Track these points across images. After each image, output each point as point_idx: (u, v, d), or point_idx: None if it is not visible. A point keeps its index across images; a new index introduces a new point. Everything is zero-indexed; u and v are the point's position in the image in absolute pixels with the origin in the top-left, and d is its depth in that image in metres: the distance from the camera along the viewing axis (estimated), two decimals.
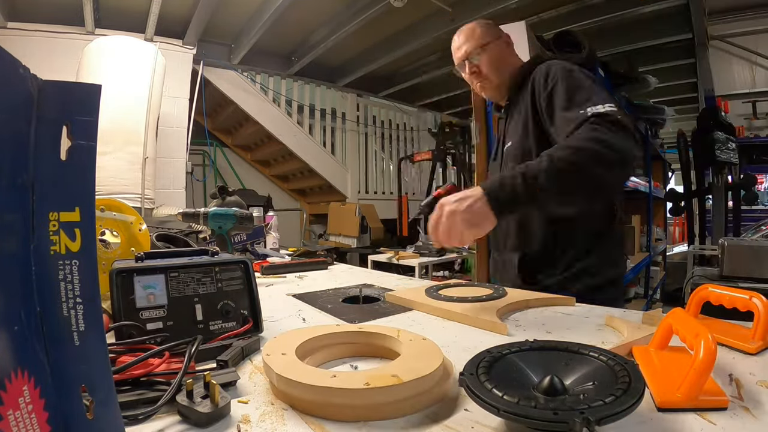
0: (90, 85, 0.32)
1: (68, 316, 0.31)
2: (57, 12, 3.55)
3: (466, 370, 0.42)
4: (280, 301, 0.97)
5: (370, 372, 0.46)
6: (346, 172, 5.49)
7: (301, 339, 0.55)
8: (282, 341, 0.55)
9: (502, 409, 0.35)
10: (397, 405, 0.43)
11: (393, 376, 0.44)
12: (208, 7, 3.70)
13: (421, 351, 0.52)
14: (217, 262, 0.69)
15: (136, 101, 3.25)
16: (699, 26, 3.92)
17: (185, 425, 0.41)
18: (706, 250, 3.79)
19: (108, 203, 0.91)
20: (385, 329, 0.61)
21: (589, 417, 0.32)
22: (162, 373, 0.48)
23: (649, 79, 2.80)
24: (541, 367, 0.43)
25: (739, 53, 4.44)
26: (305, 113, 5.13)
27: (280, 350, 0.51)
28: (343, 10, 4.07)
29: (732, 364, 0.53)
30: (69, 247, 0.31)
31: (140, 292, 0.61)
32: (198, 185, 4.85)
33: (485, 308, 0.79)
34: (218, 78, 4.46)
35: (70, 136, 0.31)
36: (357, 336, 0.60)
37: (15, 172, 0.29)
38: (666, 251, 4.84)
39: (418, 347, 0.53)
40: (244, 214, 1.21)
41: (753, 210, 4.21)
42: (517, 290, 0.96)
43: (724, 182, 3.82)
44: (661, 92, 4.44)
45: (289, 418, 0.43)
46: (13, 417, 0.28)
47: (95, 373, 0.32)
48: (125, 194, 3.08)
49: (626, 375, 0.38)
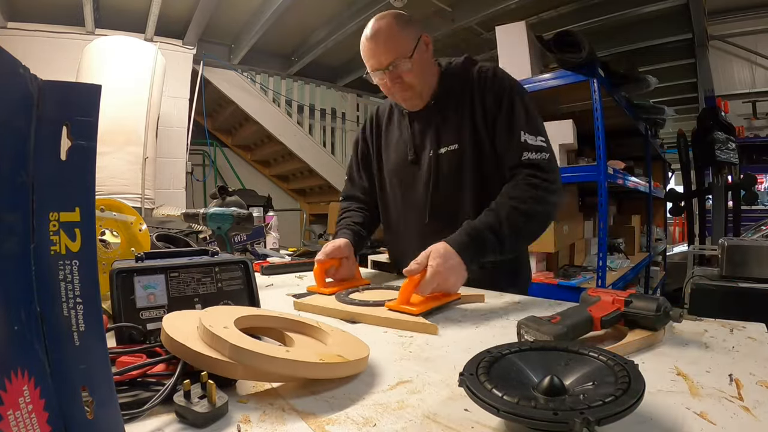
0: (90, 85, 0.32)
1: (68, 316, 0.31)
2: (57, 12, 3.55)
3: (466, 370, 0.42)
4: (280, 301, 0.97)
5: (317, 350, 0.54)
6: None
7: (235, 315, 0.56)
8: (214, 315, 0.54)
9: (502, 409, 0.35)
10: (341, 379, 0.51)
11: (338, 356, 0.51)
12: (208, 7, 3.70)
13: (345, 340, 0.60)
14: (217, 262, 0.69)
15: (136, 101, 3.25)
16: (699, 26, 3.92)
17: (183, 426, 0.41)
18: (706, 250, 3.78)
19: (108, 203, 0.91)
20: (313, 321, 0.66)
21: (589, 417, 0.32)
22: (159, 374, 0.48)
23: (649, 79, 2.79)
24: (540, 367, 0.43)
25: (739, 53, 4.44)
26: (305, 113, 5.13)
27: (221, 324, 0.51)
28: (343, 10, 4.07)
29: (732, 364, 0.53)
30: (69, 247, 0.31)
31: (140, 292, 0.61)
32: (198, 185, 4.85)
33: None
34: (218, 78, 4.46)
35: (70, 136, 0.31)
36: (288, 323, 0.63)
37: (15, 172, 0.29)
38: (666, 251, 4.84)
39: (342, 337, 0.61)
40: (243, 215, 1.21)
41: (753, 210, 4.22)
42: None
43: (724, 182, 3.82)
44: (661, 92, 4.43)
45: (289, 418, 0.43)
46: (13, 417, 0.28)
47: (95, 373, 0.32)
48: (125, 194, 3.08)
49: (626, 375, 0.38)
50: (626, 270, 2.90)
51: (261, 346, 0.48)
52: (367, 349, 0.57)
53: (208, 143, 4.99)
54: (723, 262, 2.11)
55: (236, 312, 0.57)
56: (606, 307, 0.63)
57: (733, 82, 4.61)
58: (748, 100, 4.62)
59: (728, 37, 4.35)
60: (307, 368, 0.48)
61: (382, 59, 1.04)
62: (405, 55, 1.03)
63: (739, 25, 4.26)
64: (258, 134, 4.95)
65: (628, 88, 2.84)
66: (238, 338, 0.47)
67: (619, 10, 3.75)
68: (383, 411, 0.44)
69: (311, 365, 0.48)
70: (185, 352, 0.46)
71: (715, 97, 4.26)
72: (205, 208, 1.23)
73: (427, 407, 0.45)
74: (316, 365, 0.48)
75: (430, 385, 0.50)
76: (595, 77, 2.29)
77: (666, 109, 3.61)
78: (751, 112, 4.66)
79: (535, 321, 0.59)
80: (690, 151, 4.18)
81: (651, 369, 0.52)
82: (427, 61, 1.10)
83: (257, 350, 0.46)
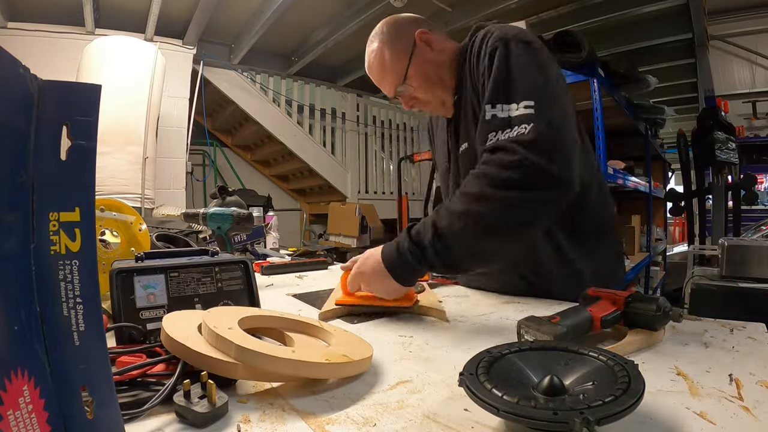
0: (90, 85, 0.32)
1: (68, 316, 0.31)
2: (57, 12, 3.55)
3: (466, 370, 0.42)
4: (280, 301, 0.97)
5: (323, 351, 0.54)
6: (346, 172, 5.48)
7: (238, 316, 0.56)
8: (218, 316, 0.54)
9: (502, 408, 0.35)
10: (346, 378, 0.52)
11: (344, 356, 0.51)
12: (208, 7, 3.70)
13: (349, 340, 0.60)
14: (217, 262, 0.69)
15: (136, 101, 3.25)
16: (699, 26, 3.92)
17: (183, 426, 0.41)
18: (706, 250, 3.78)
19: (108, 203, 0.91)
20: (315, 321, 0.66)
21: (589, 417, 0.32)
22: (159, 374, 0.48)
23: (649, 79, 2.79)
24: (540, 367, 0.43)
25: (739, 53, 4.44)
26: (305, 113, 5.13)
27: (225, 325, 0.51)
28: (343, 10, 4.07)
29: (732, 364, 0.53)
30: (69, 247, 0.31)
31: (140, 292, 0.61)
32: (198, 185, 4.85)
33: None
34: (218, 78, 4.46)
35: (70, 136, 0.31)
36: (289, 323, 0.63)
37: (15, 172, 0.29)
38: (666, 251, 4.84)
39: (345, 337, 0.61)
40: (243, 215, 1.21)
41: (753, 210, 4.21)
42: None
43: (724, 182, 3.81)
44: (661, 92, 4.44)
45: (289, 418, 0.43)
46: (13, 417, 0.28)
47: (95, 373, 0.32)
48: (125, 194, 3.08)
49: (626, 375, 0.38)
50: (626, 270, 2.90)
51: (267, 347, 0.48)
52: (371, 348, 0.57)
53: (208, 143, 4.98)
54: (723, 262, 2.11)
55: (239, 312, 0.57)
56: (606, 307, 0.63)
57: (733, 82, 4.61)
58: (748, 100, 4.62)
59: (728, 37, 4.35)
60: (314, 368, 0.49)
61: (387, 90, 0.99)
62: (400, 82, 0.94)
63: (739, 25, 4.26)
64: (258, 134, 4.95)
65: (628, 88, 2.84)
66: (243, 339, 0.48)
67: (619, 10, 3.75)
68: (383, 411, 0.44)
69: (317, 365, 0.49)
70: (185, 352, 0.46)
71: (715, 97, 4.25)
72: (205, 208, 1.22)
73: (427, 407, 0.45)
74: (322, 365, 0.49)
75: (430, 385, 0.50)
76: (595, 77, 2.28)
77: (666, 109, 3.60)
78: (751, 112, 4.66)
79: (535, 321, 0.59)
80: (690, 151, 4.18)
81: (651, 369, 0.52)
82: (433, 65, 0.94)
83: (263, 351, 0.46)
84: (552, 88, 0.78)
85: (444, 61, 0.95)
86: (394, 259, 0.78)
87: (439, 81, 0.95)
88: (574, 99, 0.95)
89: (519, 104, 0.74)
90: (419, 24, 0.97)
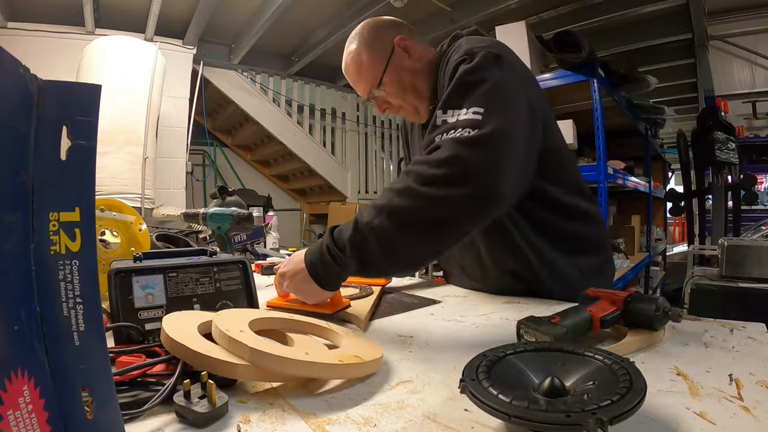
0: (90, 85, 0.32)
1: (68, 316, 0.31)
2: (57, 12, 3.55)
3: (467, 375, 0.41)
4: None
5: (334, 352, 0.53)
6: (346, 172, 5.48)
7: (248, 318, 0.56)
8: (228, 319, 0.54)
9: (513, 414, 0.34)
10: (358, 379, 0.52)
11: (355, 356, 0.51)
12: (208, 7, 3.70)
13: (357, 341, 0.60)
14: (215, 262, 0.69)
15: (136, 101, 3.25)
16: (699, 26, 3.92)
17: (183, 426, 0.41)
18: (706, 250, 3.78)
19: (108, 203, 0.91)
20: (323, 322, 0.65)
21: (602, 417, 0.32)
22: (159, 374, 0.48)
23: (649, 79, 2.79)
24: (538, 368, 0.43)
25: (739, 53, 4.45)
26: (305, 113, 5.13)
27: (237, 327, 0.51)
28: (343, 10, 4.07)
29: (732, 364, 0.53)
30: (69, 247, 0.31)
31: (139, 292, 0.61)
32: (198, 185, 4.85)
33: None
34: (218, 78, 4.46)
35: (70, 136, 0.31)
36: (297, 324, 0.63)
37: (15, 172, 0.29)
38: (666, 251, 4.84)
39: (354, 338, 0.61)
40: (243, 215, 1.21)
41: (753, 210, 4.21)
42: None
43: (724, 182, 3.81)
44: (661, 92, 4.43)
45: (289, 418, 0.43)
46: (13, 417, 0.28)
47: (95, 373, 0.32)
48: (125, 194, 3.08)
49: (626, 374, 0.38)
50: (626, 270, 2.90)
51: (280, 349, 0.49)
52: (380, 349, 0.57)
53: (208, 143, 4.99)
54: (723, 262, 2.11)
55: (249, 315, 0.58)
56: (606, 307, 0.63)
57: (733, 82, 4.61)
58: (748, 100, 4.62)
59: (728, 37, 4.35)
60: (327, 370, 0.49)
61: (361, 92, 0.99)
62: (375, 86, 0.95)
63: (739, 25, 4.26)
64: (258, 134, 4.95)
65: (628, 88, 2.84)
66: (256, 342, 0.48)
67: (619, 10, 3.75)
68: (383, 411, 0.44)
69: (331, 366, 0.49)
70: (185, 352, 0.46)
71: (715, 97, 4.25)
72: (205, 208, 1.22)
73: (427, 407, 0.45)
74: (336, 366, 0.49)
75: (430, 385, 0.50)
76: (595, 77, 2.29)
77: (666, 109, 3.61)
78: (751, 112, 4.66)
79: (535, 321, 0.59)
80: (690, 151, 4.18)
81: (651, 369, 0.51)
82: (408, 71, 0.94)
83: (277, 353, 0.47)
84: (509, 99, 0.76)
85: (420, 69, 0.95)
86: (316, 260, 0.74)
87: (413, 89, 0.95)
88: (551, 113, 0.95)
89: (468, 109, 0.73)
90: (400, 29, 0.97)
